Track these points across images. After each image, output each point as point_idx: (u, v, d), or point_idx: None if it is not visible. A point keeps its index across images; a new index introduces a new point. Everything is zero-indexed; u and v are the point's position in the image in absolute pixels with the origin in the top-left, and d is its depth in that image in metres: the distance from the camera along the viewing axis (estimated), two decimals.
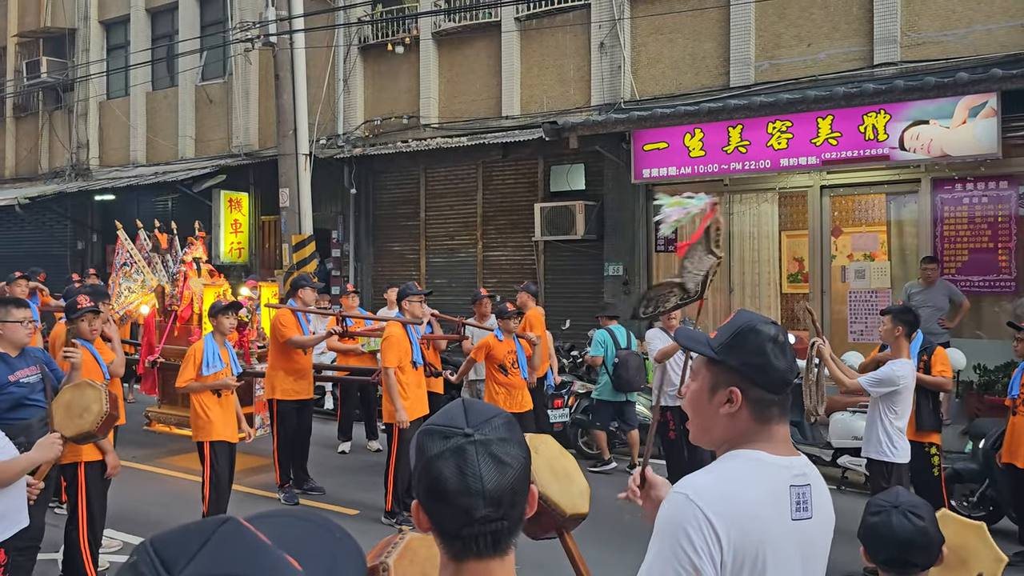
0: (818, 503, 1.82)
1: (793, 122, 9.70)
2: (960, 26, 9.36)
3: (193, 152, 16.87)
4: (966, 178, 9.38)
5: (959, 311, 9.09)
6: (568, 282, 12.42)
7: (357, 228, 14.63)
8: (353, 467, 8.86)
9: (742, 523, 1.68)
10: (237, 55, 15.48)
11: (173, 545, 0.79)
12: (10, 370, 4.53)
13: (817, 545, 1.81)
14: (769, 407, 1.80)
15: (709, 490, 1.71)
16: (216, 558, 0.78)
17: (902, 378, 5.50)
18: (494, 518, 1.28)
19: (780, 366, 1.79)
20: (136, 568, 0.78)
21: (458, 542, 1.30)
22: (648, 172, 10.82)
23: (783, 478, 1.77)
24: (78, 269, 17.49)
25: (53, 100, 19.51)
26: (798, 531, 1.76)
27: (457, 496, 1.27)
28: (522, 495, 1.33)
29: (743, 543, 1.67)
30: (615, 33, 11.63)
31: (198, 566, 0.77)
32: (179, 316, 8.68)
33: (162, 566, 0.77)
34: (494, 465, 1.29)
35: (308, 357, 7.92)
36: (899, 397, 5.55)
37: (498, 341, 7.46)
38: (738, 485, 1.73)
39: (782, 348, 1.80)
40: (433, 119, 13.40)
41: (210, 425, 6.37)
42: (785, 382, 1.81)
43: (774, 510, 1.73)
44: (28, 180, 19.82)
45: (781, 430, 1.83)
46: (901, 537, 2.30)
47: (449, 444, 1.30)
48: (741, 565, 1.67)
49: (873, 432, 5.65)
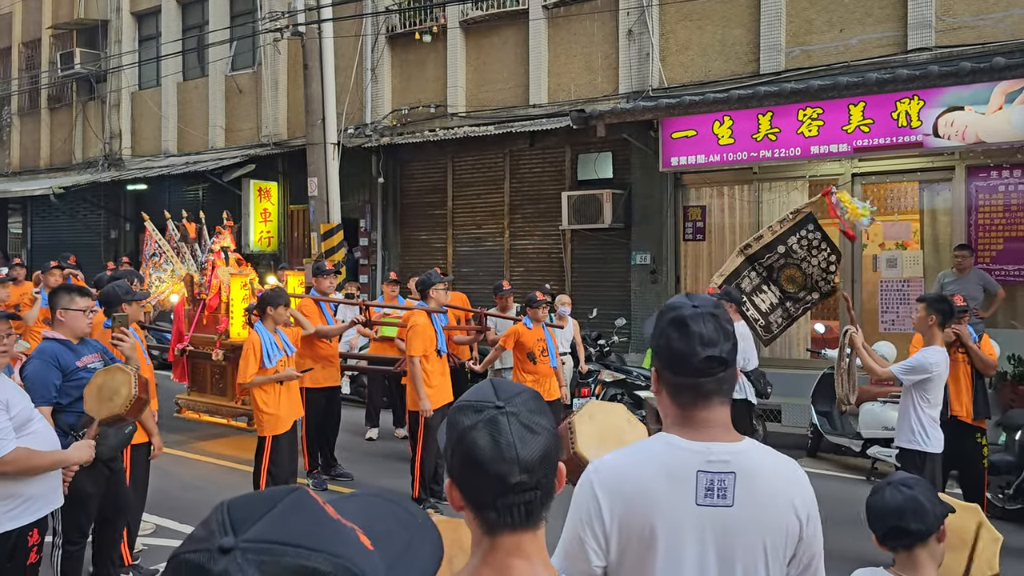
0: (749, 492, 1.75)
1: (824, 109, 9.57)
2: (997, 10, 9.17)
3: (223, 142, 17.01)
4: (1002, 165, 9.20)
5: (994, 301, 8.94)
6: (595, 271, 12.38)
7: (385, 217, 14.69)
8: (380, 453, 8.92)
9: (629, 498, 1.76)
10: (266, 45, 15.57)
11: (244, 507, 0.84)
12: (76, 356, 4.56)
13: (743, 534, 1.76)
14: (682, 391, 1.79)
15: (607, 466, 1.82)
16: (278, 525, 0.82)
17: (935, 365, 5.40)
18: (528, 485, 1.31)
19: (678, 348, 1.76)
20: (207, 524, 0.84)
21: (493, 513, 1.32)
22: (676, 160, 10.73)
23: (690, 462, 1.76)
24: (112, 257, 17.76)
25: (86, 91, 19.77)
26: (707, 517, 1.75)
27: (492, 464, 1.30)
28: (552, 464, 1.35)
29: (629, 518, 1.75)
30: (643, 20, 11.53)
31: (260, 530, 0.81)
32: (207, 305, 8.77)
33: (230, 525, 0.82)
34: (526, 433, 1.32)
35: (334, 345, 7.96)
36: (931, 385, 5.45)
37: (527, 329, 7.46)
38: (634, 463, 1.81)
39: (686, 330, 1.76)
40: (460, 108, 13.39)
41: (275, 420, 6.32)
42: (689, 364, 1.75)
43: (670, 491, 1.75)
44: (62, 170, 20.13)
45: (704, 415, 1.79)
46: (892, 506, 2.41)
47: (482, 416, 1.33)
48: (628, 538, 1.75)
49: (906, 421, 5.55)
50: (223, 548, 0.79)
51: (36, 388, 4.34)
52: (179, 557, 0.82)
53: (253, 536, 0.81)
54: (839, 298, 6.88)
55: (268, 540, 0.81)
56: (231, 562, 0.79)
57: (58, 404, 4.41)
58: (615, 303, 11.80)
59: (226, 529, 0.82)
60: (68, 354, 4.53)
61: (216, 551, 0.80)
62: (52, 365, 4.43)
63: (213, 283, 8.70)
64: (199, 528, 0.84)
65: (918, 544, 2.41)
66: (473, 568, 1.35)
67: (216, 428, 9.25)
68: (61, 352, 4.51)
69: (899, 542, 2.43)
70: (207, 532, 0.82)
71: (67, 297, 4.64)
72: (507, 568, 1.32)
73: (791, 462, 1.87)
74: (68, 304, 4.62)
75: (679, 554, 1.76)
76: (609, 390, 9.29)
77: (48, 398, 4.37)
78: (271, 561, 0.79)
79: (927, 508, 2.41)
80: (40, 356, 4.48)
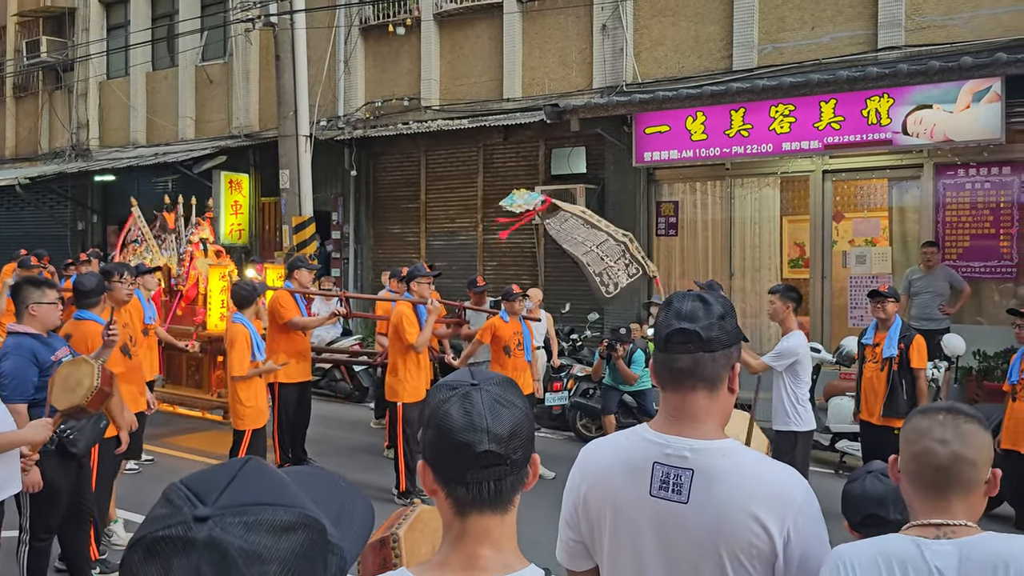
0: (706, 493, 1.70)
1: (796, 106, 9.66)
2: (965, 10, 9.30)
3: (193, 133, 16.82)
4: (969, 163, 9.35)
5: (960, 297, 9.08)
6: (568, 265, 12.34)
7: (357, 210, 14.61)
8: (352, 447, 8.88)
9: (593, 480, 1.86)
10: (238, 35, 15.40)
11: (203, 481, 0.87)
12: (51, 351, 4.53)
13: (696, 534, 1.71)
14: (660, 370, 1.82)
15: (588, 449, 1.94)
16: (247, 488, 0.86)
17: (799, 347, 5.95)
18: (497, 457, 1.31)
19: (658, 323, 1.83)
20: (168, 503, 0.85)
21: (462, 488, 1.32)
22: (650, 155, 10.78)
23: (649, 453, 1.78)
24: (79, 249, 17.49)
25: (53, 80, 19.44)
26: (657, 508, 1.75)
27: (462, 432, 1.31)
28: (523, 442, 1.35)
29: (592, 496, 1.85)
30: (617, 15, 11.56)
31: (231, 495, 0.84)
32: (184, 296, 8.68)
33: (195, 497, 0.84)
34: (497, 406, 1.33)
35: (307, 339, 7.92)
36: (800, 367, 5.98)
37: (503, 323, 7.46)
38: (603, 449, 1.90)
39: (668, 307, 1.81)
40: (434, 101, 13.34)
41: (256, 413, 6.37)
42: (660, 336, 1.79)
43: (625, 479, 1.79)
44: (28, 160, 19.79)
45: (678, 401, 1.79)
46: (872, 495, 2.45)
47: (456, 391, 1.35)
48: (589, 518, 1.86)
49: (779, 404, 6.05)
50: (199, 517, 0.82)
51: (15, 385, 4.29)
52: (147, 538, 0.82)
53: (226, 502, 0.83)
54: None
55: (242, 503, 0.84)
56: (213, 528, 0.81)
57: (34, 399, 4.36)
58: (588, 298, 11.79)
59: (193, 502, 0.83)
60: (43, 349, 4.49)
61: (192, 521, 0.81)
62: (30, 361, 4.39)
63: (191, 274, 8.61)
64: (157, 509, 0.85)
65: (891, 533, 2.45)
66: (443, 556, 1.35)
67: (190, 422, 9.16)
68: (37, 347, 4.46)
69: (874, 530, 2.44)
70: (171, 509, 0.84)
71: (38, 291, 4.58)
72: (476, 558, 1.32)
73: (777, 476, 1.75)
74: (40, 298, 4.56)
75: (625, 540, 1.79)
76: (581, 384, 9.32)
77: (27, 395, 4.33)
78: (253, 520, 0.82)
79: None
80: (17, 352, 4.42)
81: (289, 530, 0.84)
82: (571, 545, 1.92)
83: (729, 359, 1.79)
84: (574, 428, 9.27)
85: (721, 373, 1.78)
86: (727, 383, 1.80)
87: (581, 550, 1.90)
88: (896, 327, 6.45)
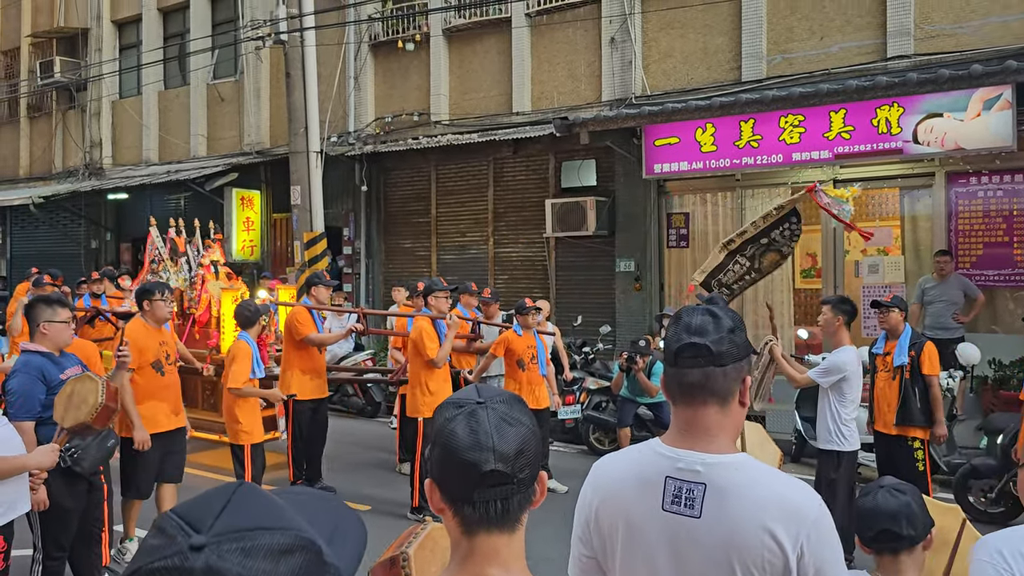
0: (720, 507, 1.70)
1: (805, 116, 9.64)
2: (975, 18, 9.27)
3: (205, 150, 16.93)
4: (981, 171, 9.30)
5: (974, 306, 9.01)
6: (579, 278, 12.40)
7: (368, 225, 14.66)
8: (366, 464, 8.88)
9: (605, 493, 1.85)
10: (248, 53, 15.51)
11: (196, 508, 0.85)
12: (60, 369, 4.55)
13: (709, 548, 1.70)
14: (671, 385, 1.81)
15: (602, 463, 1.93)
16: (241, 513, 0.85)
17: (848, 364, 5.64)
18: (502, 476, 1.30)
19: (668, 337, 1.83)
20: (162, 534, 0.83)
21: (469, 508, 1.31)
22: (659, 167, 10.77)
23: (661, 467, 1.77)
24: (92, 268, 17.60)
25: (66, 100, 19.62)
26: (670, 523, 1.74)
27: (468, 451, 1.30)
28: (530, 461, 1.34)
29: (604, 511, 1.84)
30: (626, 28, 11.58)
31: (225, 522, 0.83)
32: (197, 320, 8.69)
33: (189, 526, 0.82)
34: (504, 424, 1.32)
35: (322, 356, 7.92)
36: (847, 385, 5.68)
37: (517, 336, 7.45)
38: (615, 463, 1.90)
39: (677, 322, 1.81)
40: (444, 116, 13.39)
41: (248, 436, 6.50)
42: (671, 351, 1.79)
43: (638, 492, 1.78)
44: (42, 179, 19.95)
45: (689, 415, 1.78)
46: (887, 511, 2.39)
47: (462, 410, 1.34)
48: (603, 533, 1.84)
49: (823, 423, 5.79)
50: (194, 546, 0.80)
51: (21, 403, 4.30)
52: (142, 570, 0.81)
53: (221, 529, 0.82)
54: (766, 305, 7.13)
55: (237, 528, 0.82)
56: (210, 556, 0.80)
57: (40, 418, 4.38)
58: (599, 310, 11.82)
59: (187, 531, 0.82)
60: (52, 367, 4.50)
61: (188, 551, 0.80)
62: (37, 379, 4.40)
63: (203, 298, 8.62)
64: (149, 540, 0.84)
65: (905, 550, 2.40)
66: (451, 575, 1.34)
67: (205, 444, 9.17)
68: (46, 366, 4.48)
69: (887, 546, 2.42)
70: (164, 540, 0.82)
71: (49, 310, 4.60)
72: None
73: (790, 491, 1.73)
74: (52, 317, 4.58)
75: (637, 555, 1.77)
76: (594, 397, 9.29)
77: (33, 413, 4.34)
78: (250, 546, 0.81)
79: (918, 515, 2.41)
80: (25, 370, 4.44)
81: (287, 553, 0.83)
82: (583, 561, 1.90)
83: (740, 373, 1.79)
84: (587, 442, 9.24)
85: (732, 387, 1.77)
86: (738, 397, 1.79)
87: (593, 566, 1.88)
88: (906, 335, 6.27)
